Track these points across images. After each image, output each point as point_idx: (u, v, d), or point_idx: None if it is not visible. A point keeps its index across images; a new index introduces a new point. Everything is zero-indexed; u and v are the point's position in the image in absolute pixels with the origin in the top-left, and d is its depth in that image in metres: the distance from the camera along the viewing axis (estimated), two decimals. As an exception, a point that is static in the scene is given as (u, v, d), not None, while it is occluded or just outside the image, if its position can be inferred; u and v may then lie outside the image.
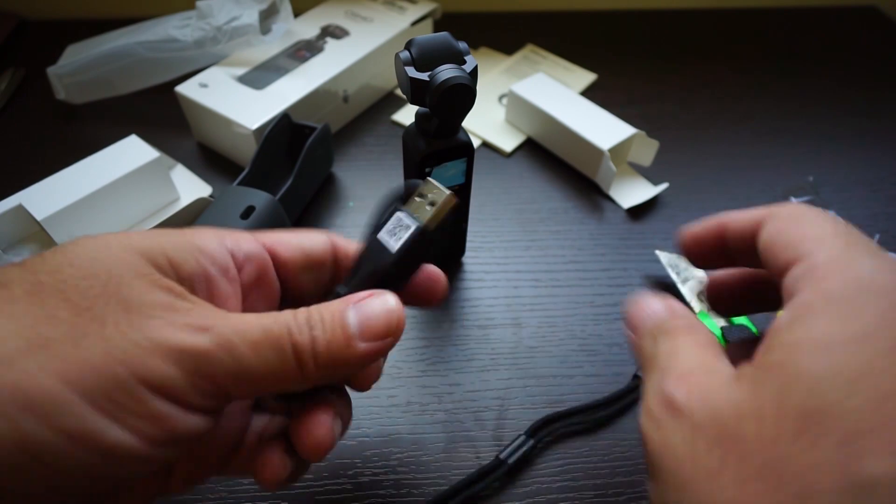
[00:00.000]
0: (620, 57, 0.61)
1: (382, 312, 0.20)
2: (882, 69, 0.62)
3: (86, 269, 0.16)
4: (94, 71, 0.48)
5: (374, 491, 0.30)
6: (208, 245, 0.19)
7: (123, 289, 0.16)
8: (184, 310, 0.17)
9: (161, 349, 0.16)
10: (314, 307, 0.19)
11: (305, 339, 0.18)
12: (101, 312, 0.16)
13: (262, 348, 0.17)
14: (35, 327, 0.15)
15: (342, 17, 0.53)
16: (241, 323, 0.18)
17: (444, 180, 0.34)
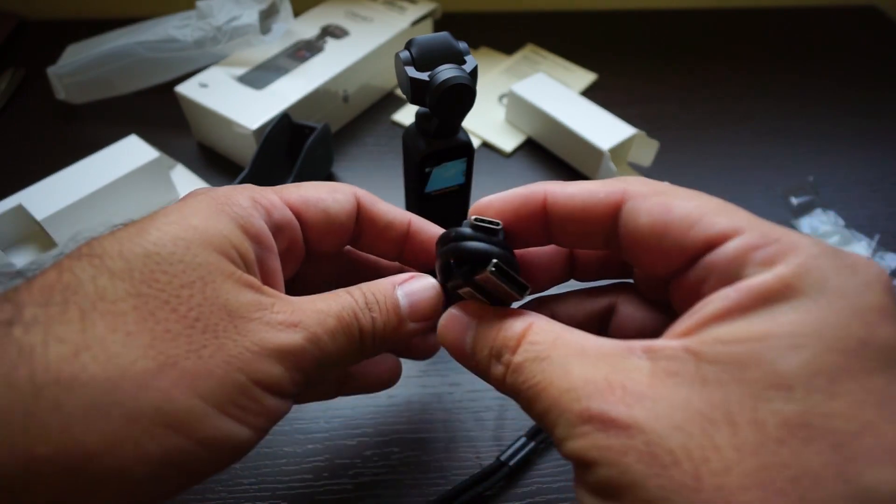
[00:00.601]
0: (620, 57, 0.61)
1: (429, 295, 0.21)
2: (882, 69, 0.62)
3: (180, 277, 0.17)
4: (94, 71, 0.48)
5: (374, 491, 0.30)
6: (255, 225, 0.20)
7: (220, 294, 0.17)
8: (269, 306, 0.18)
9: (268, 352, 0.17)
10: (366, 287, 0.21)
11: (368, 322, 0.20)
12: (209, 322, 0.17)
13: (337, 335, 0.19)
14: (156, 346, 0.16)
15: (342, 17, 0.53)
16: (319, 313, 0.19)
17: (443, 180, 0.34)
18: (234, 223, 0.19)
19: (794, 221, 0.45)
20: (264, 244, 0.20)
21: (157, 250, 0.17)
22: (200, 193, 0.20)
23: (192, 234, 0.18)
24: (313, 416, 0.33)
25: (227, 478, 0.30)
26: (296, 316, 0.18)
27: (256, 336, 0.17)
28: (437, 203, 0.35)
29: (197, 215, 0.18)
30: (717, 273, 0.15)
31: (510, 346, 0.17)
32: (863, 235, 0.44)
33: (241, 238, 0.19)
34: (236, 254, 0.18)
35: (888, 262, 0.42)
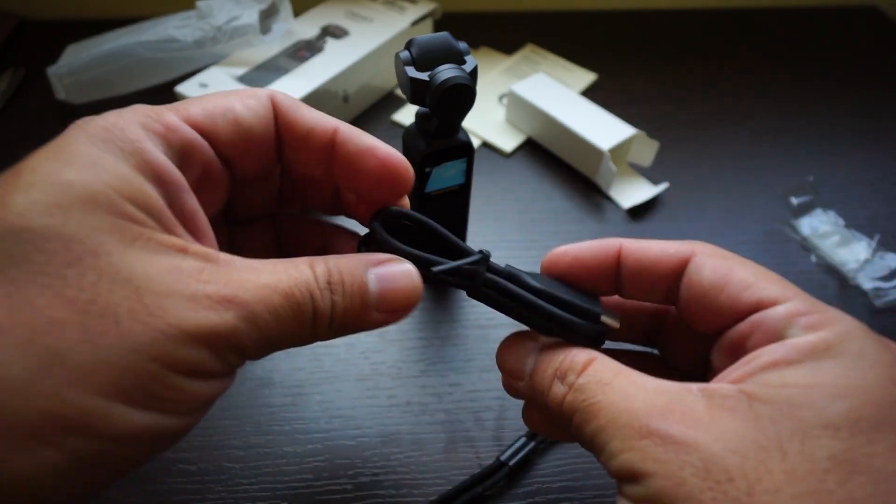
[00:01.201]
0: (620, 57, 0.61)
1: (405, 285, 0.19)
2: (882, 69, 0.62)
3: (62, 255, 0.13)
4: (94, 71, 0.48)
5: (374, 491, 0.30)
6: (152, 159, 0.16)
7: (122, 265, 0.14)
8: (195, 273, 0.15)
9: (189, 336, 0.14)
10: (333, 262, 0.18)
11: (326, 305, 0.17)
12: (108, 304, 0.13)
13: (283, 315, 0.16)
14: (36, 340, 0.13)
15: (342, 17, 0.53)
16: (263, 288, 0.16)
17: (444, 180, 0.34)
18: (126, 164, 0.15)
19: (794, 221, 0.45)
20: (171, 182, 0.16)
21: (27, 224, 0.13)
22: (78, 128, 0.16)
23: (69, 195, 0.14)
24: (313, 416, 0.33)
25: (226, 478, 0.30)
26: (230, 288, 0.15)
27: (173, 315, 0.14)
28: (438, 203, 0.35)
29: (73, 164, 0.14)
30: (764, 330, 0.17)
31: (576, 369, 0.18)
32: (863, 235, 0.44)
33: (138, 183, 0.15)
34: (136, 208, 0.15)
35: (888, 262, 0.42)
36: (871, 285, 0.41)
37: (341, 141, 0.20)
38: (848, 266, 0.42)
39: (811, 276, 0.42)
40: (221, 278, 0.15)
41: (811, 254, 0.43)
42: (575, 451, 0.32)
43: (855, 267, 0.42)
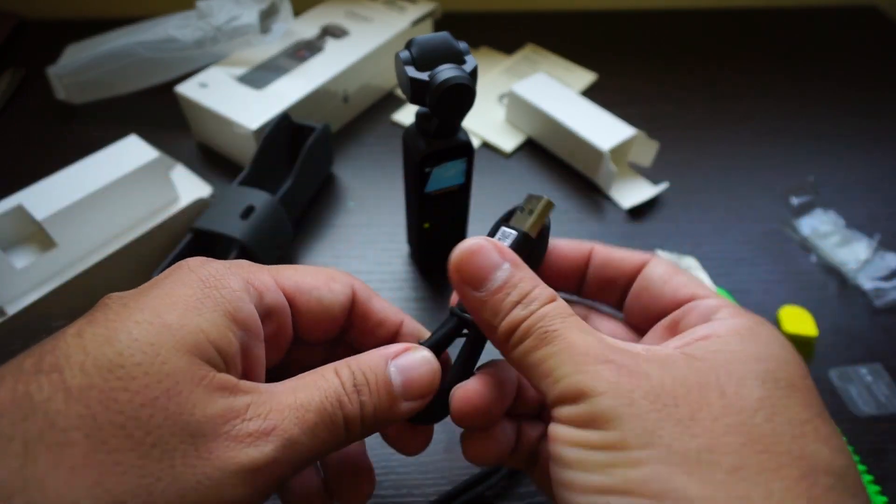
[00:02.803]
0: (620, 57, 0.61)
1: (425, 370, 0.20)
2: (882, 69, 0.62)
3: (143, 394, 0.15)
4: (94, 71, 0.48)
5: (374, 491, 0.30)
6: (244, 311, 0.19)
7: (185, 409, 0.16)
8: (242, 411, 0.17)
9: (232, 474, 0.16)
10: (355, 364, 0.19)
11: (356, 408, 0.19)
12: (167, 447, 0.15)
13: (318, 430, 0.18)
14: (103, 483, 0.14)
15: (342, 17, 0.53)
16: (298, 409, 0.18)
17: (444, 180, 0.34)
18: (221, 311, 0.18)
19: (794, 221, 0.45)
20: (252, 331, 0.19)
21: (122, 362, 0.16)
22: (191, 271, 0.19)
23: (166, 336, 0.16)
24: (313, 416, 0.33)
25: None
26: (270, 420, 0.17)
27: (219, 458, 0.16)
28: (438, 203, 0.35)
29: (177, 308, 0.17)
30: (697, 315, 0.21)
31: (541, 299, 0.19)
32: (863, 235, 0.44)
33: (224, 329, 0.18)
34: (214, 351, 0.17)
35: (888, 262, 0.42)
36: (871, 285, 0.41)
37: (405, 334, 0.23)
38: (848, 266, 0.42)
39: (811, 276, 0.42)
40: (263, 411, 0.17)
41: (811, 254, 0.43)
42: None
43: (855, 267, 0.42)
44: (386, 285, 0.40)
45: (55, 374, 0.15)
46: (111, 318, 0.17)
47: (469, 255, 0.20)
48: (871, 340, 0.38)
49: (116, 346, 0.16)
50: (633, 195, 0.46)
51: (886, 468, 0.32)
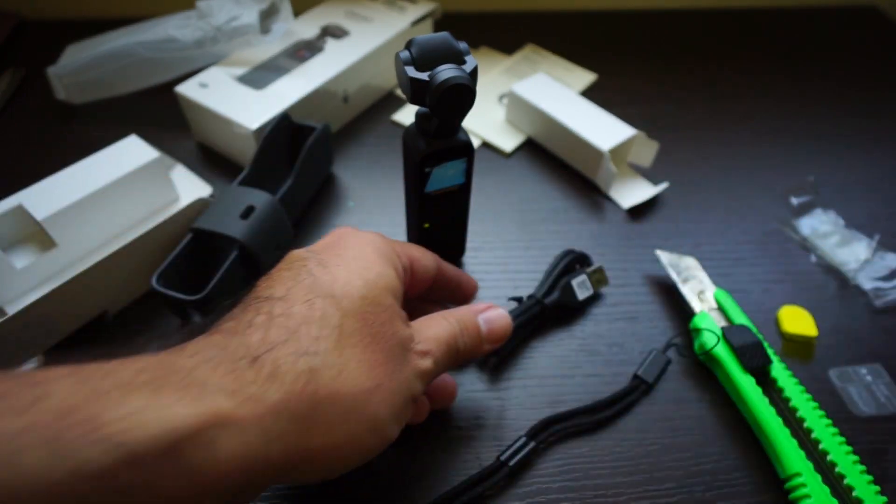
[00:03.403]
0: (620, 57, 0.61)
1: (502, 323, 0.30)
2: (882, 69, 0.62)
3: (381, 317, 0.24)
4: (94, 71, 0.48)
5: (374, 491, 0.30)
6: (400, 271, 0.27)
7: (397, 330, 0.24)
8: (415, 336, 0.26)
9: (418, 375, 0.25)
10: (458, 315, 0.28)
11: (463, 344, 0.28)
12: (395, 353, 0.24)
13: (448, 354, 0.27)
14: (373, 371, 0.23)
15: (342, 17, 0.53)
16: (437, 341, 0.26)
17: (444, 180, 0.34)
18: (395, 271, 0.26)
19: (794, 221, 0.45)
20: (404, 283, 0.28)
21: (366, 294, 0.24)
22: (366, 241, 0.27)
23: (382, 282, 0.25)
24: (313, 416, 0.33)
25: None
26: (426, 345, 0.26)
27: (412, 364, 0.25)
28: (438, 203, 0.35)
29: (377, 265, 0.26)
30: None
31: None
32: (863, 235, 0.44)
33: (398, 283, 0.26)
34: (398, 297, 0.26)
35: (888, 262, 0.42)
36: (871, 285, 0.41)
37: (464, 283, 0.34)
38: (848, 266, 0.42)
39: (811, 276, 0.42)
40: (421, 338, 0.26)
41: (811, 254, 0.43)
42: (575, 450, 0.32)
43: (855, 267, 0.42)
44: (386, 285, 0.40)
45: (333, 300, 0.23)
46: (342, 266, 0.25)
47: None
48: (871, 340, 0.38)
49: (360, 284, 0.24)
50: (633, 195, 0.46)
51: (886, 468, 0.32)
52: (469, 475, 0.31)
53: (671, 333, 0.38)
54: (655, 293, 0.40)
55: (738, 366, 0.34)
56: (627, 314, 0.39)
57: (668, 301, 0.40)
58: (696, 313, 0.37)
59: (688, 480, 0.31)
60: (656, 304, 0.40)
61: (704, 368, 0.36)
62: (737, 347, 0.34)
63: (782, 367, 0.35)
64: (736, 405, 0.34)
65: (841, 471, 0.30)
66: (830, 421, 0.33)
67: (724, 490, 0.31)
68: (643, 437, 0.33)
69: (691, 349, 0.37)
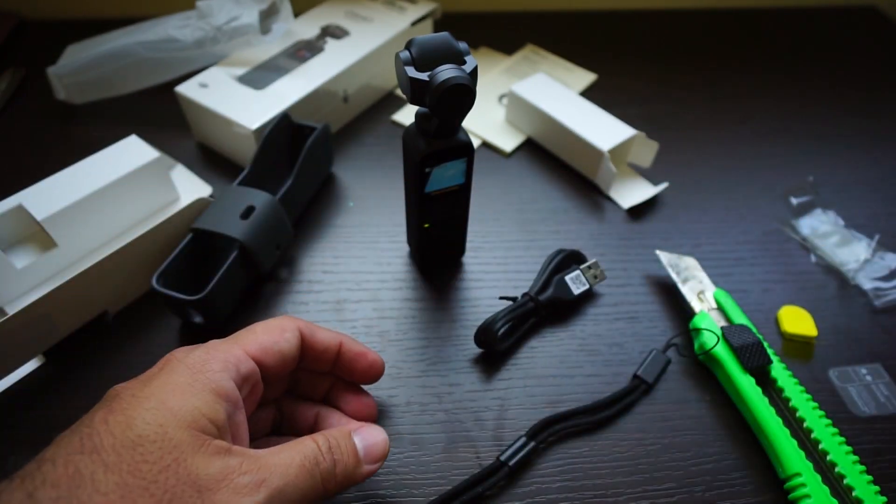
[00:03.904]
0: (620, 57, 0.61)
1: (381, 441, 0.27)
2: (882, 69, 0.62)
3: (159, 463, 0.20)
4: (94, 71, 0.48)
5: (374, 491, 0.30)
6: (227, 388, 0.24)
7: (192, 471, 0.21)
8: (236, 469, 0.22)
9: None
10: (328, 433, 0.25)
11: (329, 465, 0.24)
12: (180, 500, 0.20)
13: (301, 482, 0.23)
14: None
15: (342, 17, 0.53)
16: (282, 466, 0.23)
17: (444, 180, 0.34)
18: (209, 390, 0.23)
19: (794, 221, 0.45)
20: (233, 402, 0.24)
21: (142, 441, 0.21)
22: (179, 362, 0.24)
23: (170, 417, 0.21)
24: (313, 416, 0.33)
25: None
26: (260, 474, 0.22)
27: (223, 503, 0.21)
28: (437, 203, 0.35)
29: (174, 395, 0.22)
30: None
31: None
32: (863, 235, 0.44)
33: (214, 406, 0.23)
34: (209, 423, 0.22)
35: (888, 262, 0.42)
36: (871, 285, 0.41)
37: (344, 351, 0.30)
38: (848, 266, 0.42)
39: (811, 276, 0.42)
40: (253, 467, 0.22)
41: (811, 254, 0.43)
42: (575, 450, 0.32)
43: (855, 267, 0.42)
44: (385, 285, 0.40)
45: (96, 455, 0.20)
46: (126, 407, 0.22)
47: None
48: (871, 340, 0.38)
49: (135, 429, 0.21)
50: (633, 195, 0.46)
51: (885, 468, 0.32)
52: (469, 475, 0.31)
53: (671, 333, 0.38)
54: (655, 293, 0.40)
55: (738, 366, 0.34)
56: (627, 314, 0.39)
57: (668, 301, 0.40)
58: (696, 313, 0.37)
59: (687, 480, 0.31)
60: (656, 304, 0.40)
61: (704, 368, 0.36)
62: (737, 347, 0.34)
63: (782, 367, 0.35)
64: (736, 405, 0.34)
65: (841, 471, 0.30)
66: (830, 421, 0.33)
67: (724, 490, 0.31)
68: (643, 437, 0.33)
69: (691, 349, 0.37)
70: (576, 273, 0.39)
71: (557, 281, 0.38)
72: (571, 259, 0.40)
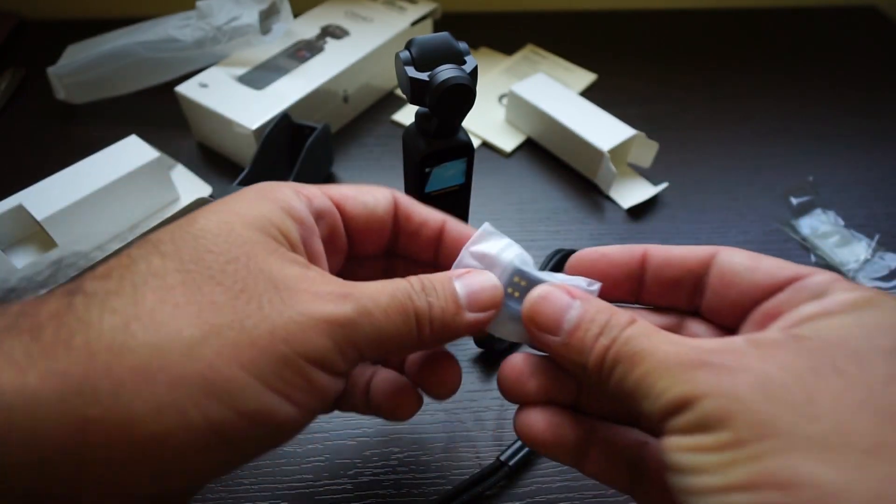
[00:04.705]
0: (620, 57, 0.61)
1: (488, 286, 0.21)
2: (882, 69, 0.62)
3: (225, 255, 0.17)
4: (94, 71, 0.48)
5: (373, 491, 0.30)
6: (296, 208, 0.20)
7: (265, 267, 0.17)
8: (317, 279, 0.18)
9: (316, 323, 0.17)
10: (424, 276, 0.21)
11: (424, 305, 0.20)
12: (254, 293, 0.17)
13: (392, 313, 0.19)
14: (202, 316, 0.16)
15: (342, 17, 0.53)
16: (371, 290, 0.19)
17: (444, 180, 0.34)
18: (276, 205, 0.19)
19: (794, 221, 0.45)
20: (306, 225, 0.20)
21: (203, 234, 0.18)
22: (246, 189, 0.20)
23: (235, 217, 0.18)
24: (313, 416, 0.33)
25: (226, 477, 0.30)
26: (346, 288, 0.18)
27: (303, 306, 0.17)
28: (438, 203, 0.35)
29: (240, 202, 0.19)
30: (806, 293, 0.18)
31: (621, 324, 0.19)
32: (863, 235, 0.44)
33: (283, 218, 0.19)
34: (279, 233, 0.19)
35: (888, 262, 0.42)
36: (871, 285, 0.41)
37: (448, 229, 0.24)
38: (848, 266, 0.42)
39: (811, 276, 0.42)
40: (338, 283, 0.19)
41: (811, 254, 0.43)
42: (575, 451, 0.32)
43: (855, 267, 0.42)
44: (386, 285, 0.40)
45: (150, 245, 0.17)
46: (189, 215, 0.19)
47: (538, 304, 0.20)
48: (871, 340, 0.38)
49: (196, 225, 0.18)
50: (633, 195, 0.46)
51: (886, 468, 0.32)
52: (469, 475, 0.31)
53: (671, 333, 0.38)
54: (655, 293, 0.40)
55: (738, 366, 0.34)
56: (627, 314, 0.39)
57: (668, 301, 0.40)
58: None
59: (688, 480, 0.31)
60: (656, 304, 0.40)
61: (704, 368, 0.36)
62: (737, 347, 0.34)
63: (782, 367, 0.35)
64: (736, 405, 0.34)
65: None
66: (830, 421, 0.33)
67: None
68: (643, 437, 0.33)
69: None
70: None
71: None
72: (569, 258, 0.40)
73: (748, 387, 0.15)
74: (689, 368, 0.16)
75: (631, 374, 0.18)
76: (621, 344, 0.18)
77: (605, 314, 0.19)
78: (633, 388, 0.17)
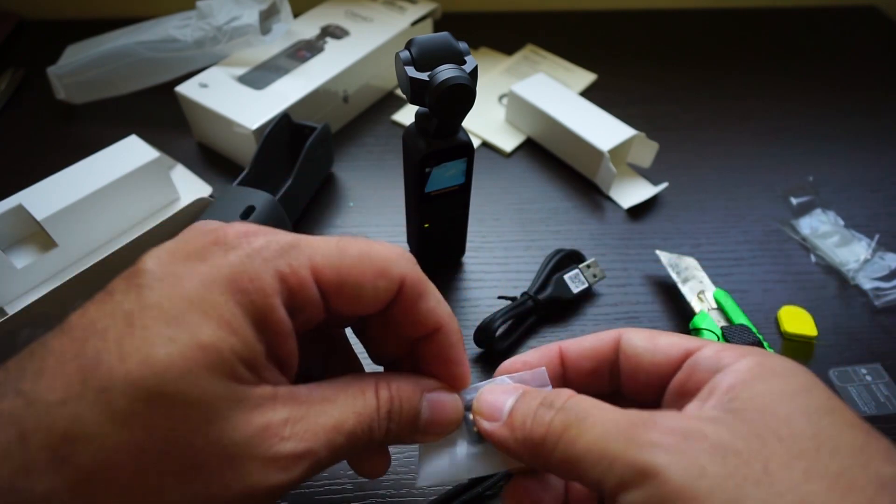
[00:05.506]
0: (620, 57, 0.61)
1: (452, 410, 0.21)
2: (882, 69, 0.62)
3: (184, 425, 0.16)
4: (94, 71, 0.48)
5: (374, 491, 0.30)
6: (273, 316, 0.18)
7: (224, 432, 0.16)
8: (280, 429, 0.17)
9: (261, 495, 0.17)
10: (395, 388, 0.20)
11: (381, 434, 0.20)
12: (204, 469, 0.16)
13: (342, 451, 0.19)
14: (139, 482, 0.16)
15: (342, 17, 0.53)
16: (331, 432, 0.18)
17: (444, 180, 0.34)
18: (251, 321, 0.17)
19: (794, 221, 0.45)
20: (281, 333, 0.18)
21: (164, 390, 0.16)
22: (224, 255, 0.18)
23: (202, 361, 0.16)
24: (313, 416, 0.33)
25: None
26: (305, 443, 0.18)
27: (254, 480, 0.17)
28: (437, 203, 0.35)
29: (210, 323, 0.16)
30: (702, 370, 0.19)
31: (562, 396, 0.19)
32: (863, 235, 0.44)
33: (255, 344, 0.17)
34: (244, 369, 0.17)
35: (888, 262, 0.42)
36: (871, 285, 0.41)
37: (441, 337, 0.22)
38: (848, 266, 0.42)
39: (811, 276, 0.42)
40: (300, 430, 0.18)
41: (811, 254, 0.43)
42: (575, 451, 0.32)
43: (855, 267, 0.42)
44: (386, 285, 0.40)
45: (104, 395, 0.15)
46: (147, 323, 0.16)
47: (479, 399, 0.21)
48: (871, 340, 0.38)
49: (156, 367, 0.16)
50: (633, 195, 0.46)
51: (886, 468, 0.32)
52: (469, 475, 0.31)
53: (671, 333, 0.38)
54: (655, 293, 0.40)
55: (738, 366, 0.34)
56: (627, 314, 0.39)
57: (668, 301, 0.40)
58: (696, 313, 0.37)
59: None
60: (656, 303, 0.40)
61: (704, 368, 0.36)
62: (737, 347, 0.34)
63: (782, 367, 0.35)
64: (736, 405, 0.34)
65: (841, 471, 0.30)
66: (830, 421, 0.33)
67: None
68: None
69: (691, 349, 0.37)
70: (574, 272, 0.39)
71: (556, 280, 0.38)
72: (570, 259, 0.40)
73: (710, 459, 0.15)
74: (644, 430, 0.16)
75: (578, 441, 0.17)
76: (564, 412, 0.18)
77: (545, 392, 0.20)
78: (584, 454, 0.17)
